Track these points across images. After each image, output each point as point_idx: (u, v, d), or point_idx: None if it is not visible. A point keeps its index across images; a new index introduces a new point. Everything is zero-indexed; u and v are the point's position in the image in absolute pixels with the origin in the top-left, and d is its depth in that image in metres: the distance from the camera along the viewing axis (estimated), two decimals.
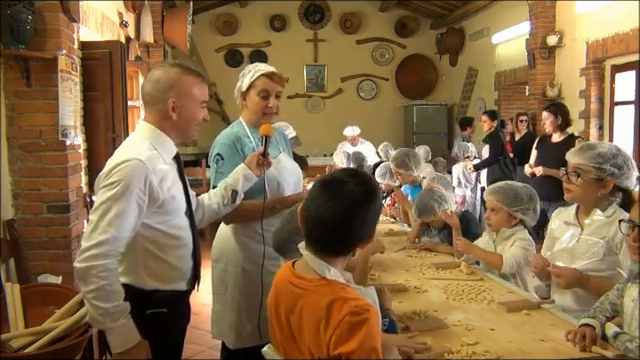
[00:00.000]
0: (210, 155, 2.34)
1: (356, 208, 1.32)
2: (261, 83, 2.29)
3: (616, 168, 2.12)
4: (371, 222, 1.37)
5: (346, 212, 1.32)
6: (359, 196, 1.33)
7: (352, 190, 1.33)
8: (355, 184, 1.35)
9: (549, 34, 6.75)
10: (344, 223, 1.32)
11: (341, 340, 1.23)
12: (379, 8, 10.14)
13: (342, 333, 1.23)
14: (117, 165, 1.68)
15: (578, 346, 1.71)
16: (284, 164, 2.33)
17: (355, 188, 1.34)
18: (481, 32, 8.83)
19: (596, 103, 6.23)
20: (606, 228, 2.13)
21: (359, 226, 1.33)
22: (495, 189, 2.65)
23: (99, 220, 1.64)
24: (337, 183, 1.36)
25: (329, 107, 10.26)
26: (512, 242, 2.57)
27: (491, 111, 6.87)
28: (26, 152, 3.18)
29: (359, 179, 1.37)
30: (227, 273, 2.33)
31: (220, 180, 2.19)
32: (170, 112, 1.80)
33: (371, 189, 1.37)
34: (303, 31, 10.13)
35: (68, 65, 3.27)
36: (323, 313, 1.27)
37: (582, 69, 6.34)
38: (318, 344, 1.28)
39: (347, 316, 1.23)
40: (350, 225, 1.32)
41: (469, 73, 9.43)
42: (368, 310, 1.25)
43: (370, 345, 1.22)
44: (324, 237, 1.35)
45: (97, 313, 1.62)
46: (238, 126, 2.38)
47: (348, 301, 1.26)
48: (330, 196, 1.33)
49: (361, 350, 1.21)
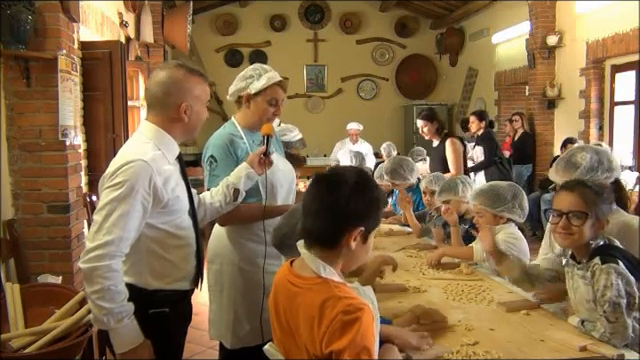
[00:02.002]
0: (203, 157, 2.33)
1: (344, 190, 1.33)
2: (272, 91, 2.28)
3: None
4: (360, 208, 1.34)
5: (332, 194, 1.34)
6: (348, 180, 1.35)
7: (344, 178, 1.36)
8: (349, 174, 1.38)
9: (549, 34, 6.75)
10: (331, 204, 1.34)
11: (333, 338, 1.23)
12: (379, 8, 10.15)
13: (334, 331, 1.23)
14: (122, 166, 1.68)
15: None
16: (277, 165, 2.32)
17: (348, 176, 1.37)
18: (481, 32, 8.83)
19: (596, 103, 6.24)
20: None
21: (345, 209, 1.33)
22: (477, 193, 2.66)
23: (104, 221, 1.64)
24: (331, 175, 1.40)
25: (329, 107, 10.26)
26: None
27: (479, 111, 6.79)
28: (26, 152, 3.18)
29: (354, 170, 1.41)
30: (223, 273, 2.33)
31: (214, 183, 2.18)
32: (182, 115, 1.81)
33: (363, 177, 1.39)
34: (303, 31, 10.13)
35: (68, 65, 3.27)
36: (317, 311, 1.27)
37: (582, 69, 6.34)
38: (313, 342, 1.28)
39: (339, 314, 1.24)
40: (336, 206, 1.33)
41: (469, 73, 9.43)
42: (361, 309, 1.25)
43: (361, 344, 1.22)
44: (313, 224, 1.36)
45: (101, 313, 1.62)
46: (231, 127, 2.36)
47: (341, 300, 1.27)
48: (322, 185, 1.37)
49: (351, 348, 1.21)
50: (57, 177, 3.22)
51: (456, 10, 9.11)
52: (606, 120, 6.24)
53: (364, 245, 1.39)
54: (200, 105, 1.87)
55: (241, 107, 2.36)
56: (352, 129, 7.57)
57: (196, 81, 1.84)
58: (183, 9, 6.77)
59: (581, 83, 6.37)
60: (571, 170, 2.19)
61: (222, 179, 2.15)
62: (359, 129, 7.55)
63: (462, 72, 9.66)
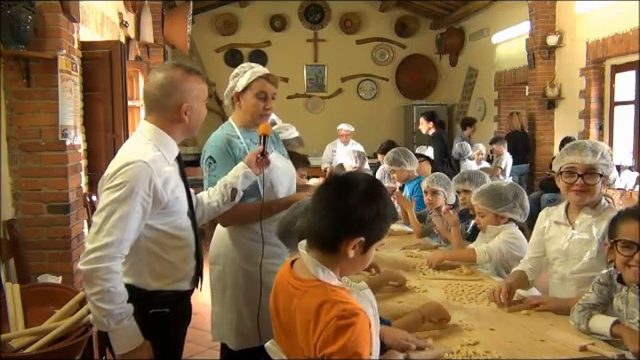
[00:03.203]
0: (202, 158, 2.34)
1: (352, 197, 1.31)
2: (258, 85, 2.29)
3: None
4: (364, 217, 1.31)
5: (340, 198, 1.32)
6: (359, 188, 1.33)
7: (355, 184, 1.34)
8: (362, 182, 1.35)
9: (549, 34, 6.75)
10: (336, 208, 1.32)
11: (326, 343, 1.23)
12: (379, 8, 10.14)
13: (328, 336, 1.23)
14: (122, 167, 1.68)
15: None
16: (276, 163, 2.33)
17: (360, 183, 1.34)
18: (481, 32, 8.83)
19: (596, 103, 6.24)
20: (597, 225, 2.12)
21: (349, 216, 1.31)
22: (479, 193, 2.67)
23: (104, 222, 1.63)
24: (344, 179, 1.38)
25: (329, 107, 10.25)
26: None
27: (428, 112, 7.09)
28: (26, 152, 3.17)
29: (368, 179, 1.39)
30: (225, 274, 2.33)
31: (213, 183, 2.18)
32: (183, 116, 1.81)
33: (375, 189, 1.36)
34: (303, 31, 10.13)
35: (68, 65, 3.27)
36: (312, 314, 1.27)
37: (582, 69, 6.34)
38: (308, 345, 1.28)
39: (334, 319, 1.23)
40: (341, 211, 1.31)
41: (469, 73, 9.43)
42: (356, 314, 1.24)
43: (353, 350, 1.21)
44: (316, 224, 1.35)
45: (101, 315, 1.62)
46: (228, 127, 2.37)
47: (337, 304, 1.26)
48: (333, 188, 1.36)
49: (342, 353, 1.20)
50: (57, 177, 3.22)
51: (456, 10, 9.11)
52: (606, 120, 6.24)
53: (363, 255, 1.36)
54: (200, 104, 1.87)
55: (235, 108, 2.38)
56: (342, 130, 7.42)
57: (195, 80, 1.84)
58: (183, 9, 6.77)
59: (581, 83, 6.37)
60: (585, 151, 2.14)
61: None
62: (350, 130, 7.41)
63: (462, 72, 9.66)
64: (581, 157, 2.12)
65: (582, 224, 2.17)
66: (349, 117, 8.36)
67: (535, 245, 2.38)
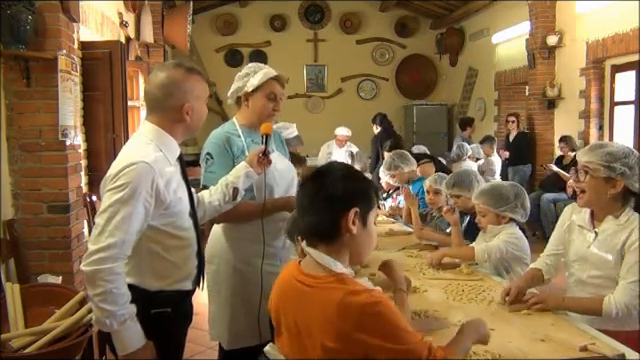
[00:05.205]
0: (201, 155, 2.35)
1: (331, 177, 1.37)
2: (269, 86, 2.29)
3: (627, 167, 2.02)
4: (349, 188, 1.36)
5: (319, 184, 1.38)
6: (333, 170, 1.40)
7: (330, 169, 1.41)
8: (334, 165, 1.43)
9: (549, 34, 6.75)
10: (320, 194, 1.36)
11: (362, 330, 1.24)
12: (379, 8, 10.15)
13: (361, 322, 1.24)
14: (124, 168, 1.67)
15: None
16: (274, 164, 2.33)
17: (333, 167, 1.42)
18: (481, 32, 8.83)
19: (596, 103, 6.24)
20: (619, 235, 2.06)
21: (334, 193, 1.35)
22: (481, 192, 2.66)
23: (106, 223, 1.63)
24: (316, 171, 1.43)
25: (329, 107, 10.26)
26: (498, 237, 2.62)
27: (379, 115, 7.24)
28: (26, 152, 3.17)
29: (340, 163, 1.45)
30: (220, 274, 2.33)
31: (209, 179, 2.20)
32: (184, 115, 1.81)
33: (350, 168, 1.43)
34: (303, 31, 10.13)
35: (68, 65, 3.27)
36: (335, 307, 1.27)
37: (582, 69, 6.34)
38: (328, 337, 1.27)
39: (362, 306, 1.25)
40: (325, 194, 1.35)
41: (469, 73, 9.43)
42: (379, 300, 1.28)
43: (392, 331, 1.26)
44: (309, 221, 1.38)
45: (104, 316, 1.62)
46: (229, 126, 2.38)
47: (360, 294, 1.28)
48: (309, 182, 1.41)
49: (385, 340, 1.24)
50: (57, 177, 3.22)
51: (456, 10, 9.11)
52: (606, 120, 6.24)
53: (365, 228, 1.39)
54: (201, 104, 1.87)
55: (241, 107, 2.37)
56: (340, 135, 7.41)
57: (196, 80, 1.85)
58: (183, 9, 6.77)
59: (581, 83, 6.37)
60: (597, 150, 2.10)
61: (218, 176, 2.16)
62: (348, 135, 7.43)
63: (462, 72, 9.66)
64: (579, 154, 2.13)
65: (604, 232, 2.11)
66: (349, 117, 8.37)
67: (556, 240, 2.34)
